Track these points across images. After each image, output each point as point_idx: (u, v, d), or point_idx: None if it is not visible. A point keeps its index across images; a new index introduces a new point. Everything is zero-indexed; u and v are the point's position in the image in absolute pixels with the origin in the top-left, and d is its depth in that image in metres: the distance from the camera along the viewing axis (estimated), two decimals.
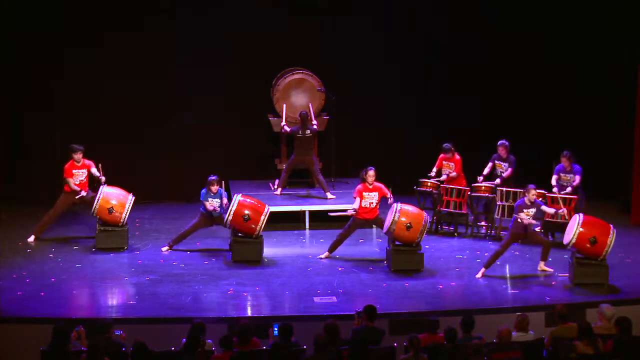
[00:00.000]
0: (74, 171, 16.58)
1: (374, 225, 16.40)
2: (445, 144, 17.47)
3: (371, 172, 15.82)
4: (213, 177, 16.06)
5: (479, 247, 16.70)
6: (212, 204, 16.00)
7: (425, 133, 19.59)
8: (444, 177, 17.43)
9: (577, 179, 16.73)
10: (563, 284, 14.91)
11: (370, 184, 15.81)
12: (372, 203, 15.81)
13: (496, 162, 17.44)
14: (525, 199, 15.17)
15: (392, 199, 15.77)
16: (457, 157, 17.52)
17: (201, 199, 16.11)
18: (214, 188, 16.03)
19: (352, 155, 18.99)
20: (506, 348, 11.38)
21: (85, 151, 16.69)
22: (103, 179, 16.53)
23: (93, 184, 16.71)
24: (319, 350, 10.88)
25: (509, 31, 19.46)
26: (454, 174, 17.43)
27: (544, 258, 15.40)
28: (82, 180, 16.64)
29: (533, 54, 19.56)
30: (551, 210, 15.45)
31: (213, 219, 16.19)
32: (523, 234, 15.20)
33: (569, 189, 16.69)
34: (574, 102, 19.54)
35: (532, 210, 15.13)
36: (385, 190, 15.85)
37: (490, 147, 17.72)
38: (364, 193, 15.79)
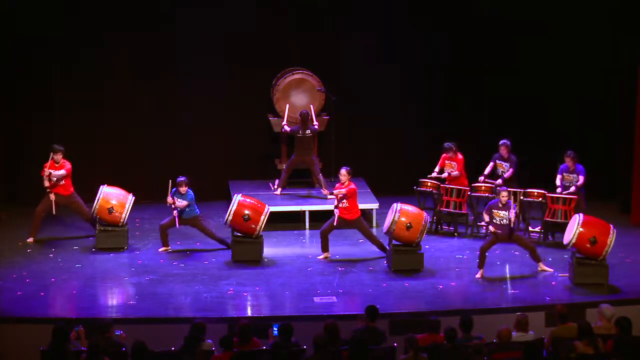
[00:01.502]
0: (51, 172, 16.56)
1: (356, 228, 16.28)
2: (446, 143, 17.45)
3: (343, 172, 15.91)
4: (181, 179, 16.08)
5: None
6: (175, 201, 16.04)
7: (425, 133, 19.57)
8: (445, 174, 17.41)
9: (581, 179, 16.73)
10: (563, 284, 14.91)
11: (344, 183, 15.84)
12: (344, 202, 15.81)
13: (497, 161, 17.42)
14: (498, 200, 15.20)
15: (341, 194, 15.69)
16: (460, 156, 17.49)
17: (170, 194, 16.10)
18: (182, 189, 16.07)
19: (352, 155, 18.98)
20: (506, 348, 11.39)
21: (84, 150, 16.70)
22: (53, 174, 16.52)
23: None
24: (319, 350, 10.88)
25: (509, 31, 19.44)
26: (456, 173, 17.40)
27: (537, 260, 15.37)
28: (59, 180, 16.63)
29: (533, 54, 19.54)
30: (513, 216, 15.26)
31: (186, 220, 16.20)
32: (506, 237, 15.19)
33: (572, 189, 16.69)
34: (574, 102, 19.52)
35: (505, 213, 15.12)
36: (348, 189, 15.75)
37: (490, 147, 17.71)
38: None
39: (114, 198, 16.46)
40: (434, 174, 17.44)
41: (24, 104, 19.11)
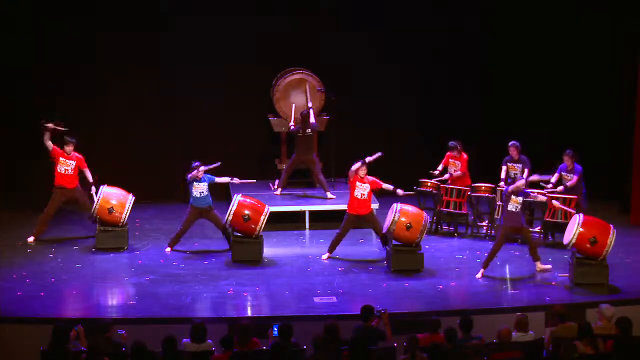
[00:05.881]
0: (61, 159, 16.56)
1: (370, 226, 16.36)
2: (451, 142, 17.42)
3: (363, 167, 15.84)
4: (196, 163, 16.05)
5: (479, 247, 16.69)
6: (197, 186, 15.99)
7: (426, 133, 19.58)
8: (447, 175, 17.40)
9: (574, 179, 16.72)
10: (563, 284, 14.91)
11: (362, 177, 15.85)
12: (363, 194, 15.85)
13: (509, 164, 17.31)
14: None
15: (395, 189, 15.81)
16: (465, 156, 17.46)
17: (187, 179, 16.05)
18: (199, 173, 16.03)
19: (352, 155, 18.93)
20: (506, 348, 11.39)
21: (84, 150, 16.72)
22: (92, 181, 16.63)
23: (84, 182, 16.78)
24: (319, 350, 10.87)
25: (509, 31, 19.45)
26: (459, 172, 17.39)
27: (535, 259, 15.36)
28: (67, 171, 16.62)
29: (533, 54, 19.54)
30: (541, 197, 15.45)
31: (201, 210, 16.15)
32: (516, 227, 15.17)
33: (560, 188, 16.68)
34: (574, 101, 19.52)
35: (520, 199, 15.05)
36: (380, 182, 15.86)
37: (490, 147, 17.70)
38: (357, 182, 15.85)
39: (114, 198, 16.47)
40: (437, 172, 17.43)
41: (24, 104, 19.11)
